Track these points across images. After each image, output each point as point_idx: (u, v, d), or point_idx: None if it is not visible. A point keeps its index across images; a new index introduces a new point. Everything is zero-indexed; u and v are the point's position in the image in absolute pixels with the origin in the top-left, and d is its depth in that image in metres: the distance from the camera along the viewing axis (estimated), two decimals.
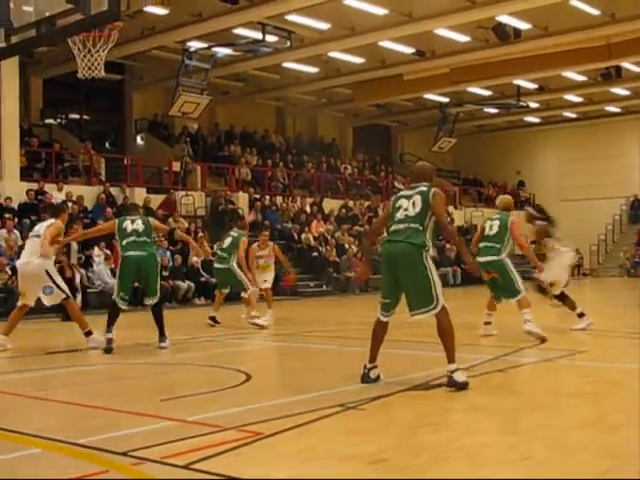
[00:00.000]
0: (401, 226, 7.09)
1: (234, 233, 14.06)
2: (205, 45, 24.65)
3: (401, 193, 7.42)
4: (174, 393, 7.17)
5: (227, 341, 11.88)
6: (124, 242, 10.35)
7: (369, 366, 7.25)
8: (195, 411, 6.18)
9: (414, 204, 7.10)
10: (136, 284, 10.94)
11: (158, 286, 10.37)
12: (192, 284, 20.62)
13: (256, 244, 15.13)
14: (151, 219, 11.06)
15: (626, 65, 28.86)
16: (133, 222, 10.49)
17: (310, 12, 22.30)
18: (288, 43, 23.71)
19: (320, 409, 6.03)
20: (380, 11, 22.58)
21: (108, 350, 9.83)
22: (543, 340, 9.89)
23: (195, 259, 21.24)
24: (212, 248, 22.50)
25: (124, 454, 4.83)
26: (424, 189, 7.15)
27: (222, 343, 11.62)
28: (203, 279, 20.95)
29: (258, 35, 23.18)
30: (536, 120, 39.96)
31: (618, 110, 37.42)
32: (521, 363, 8.81)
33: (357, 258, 25.12)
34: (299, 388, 7.40)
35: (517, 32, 24.50)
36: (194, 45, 24.65)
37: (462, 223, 34.98)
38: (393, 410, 6.33)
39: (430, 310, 6.97)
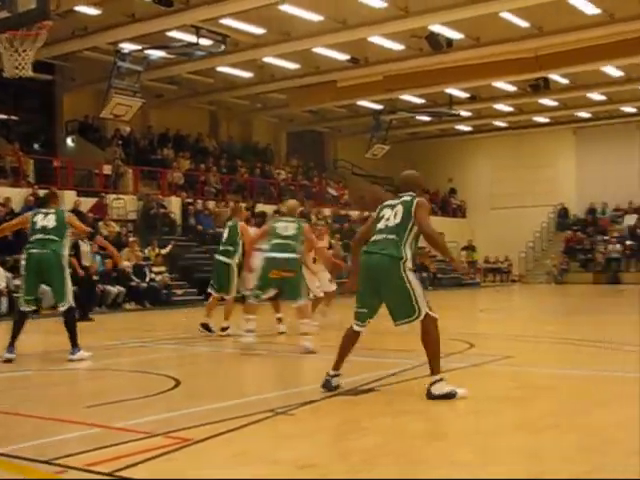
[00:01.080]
0: (380, 237, 6.95)
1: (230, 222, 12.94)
2: (138, 47, 24.38)
3: (386, 203, 7.23)
4: (101, 399, 7.03)
5: (158, 346, 11.74)
6: (31, 238, 9.57)
7: (332, 373, 7.09)
8: (122, 417, 6.08)
9: (396, 214, 6.95)
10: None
11: (66, 289, 9.46)
12: (122, 289, 20.33)
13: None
14: (68, 214, 10.17)
15: (554, 77, 29.45)
16: (45, 216, 9.63)
17: (245, 17, 22.24)
18: (222, 47, 23.63)
19: (250, 414, 5.98)
20: (315, 17, 22.66)
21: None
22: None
23: (126, 263, 20.97)
24: (143, 252, 22.39)
25: (47, 462, 4.72)
26: (408, 199, 7.00)
27: (153, 349, 11.48)
28: (134, 284, 20.70)
29: (192, 38, 23.07)
30: (468, 128, 40.59)
31: (547, 120, 38.23)
32: (449, 368, 8.86)
33: None
34: (229, 394, 7.34)
35: (450, 42, 24.76)
36: (127, 47, 24.35)
37: None
38: (323, 415, 6.31)
39: (412, 320, 6.83)
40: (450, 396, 6.70)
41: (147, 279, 21.23)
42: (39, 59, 9.48)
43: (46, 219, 9.58)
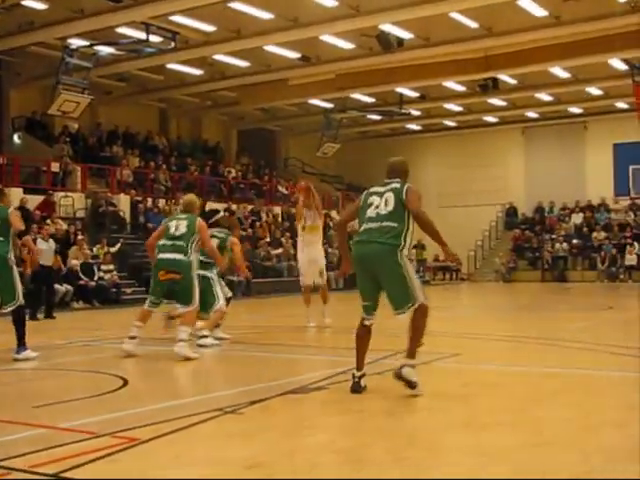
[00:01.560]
0: (373, 225, 6.83)
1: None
2: (87, 43, 24.14)
3: (372, 190, 7.12)
4: (48, 399, 6.93)
5: (105, 346, 11.62)
6: None
7: (358, 374, 6.94)
8: (69, 418, 6.02)
9: (387, 202, 6.85)
10: None
11: (15, 290, 9.23)
12: (70, 287, 20.08)
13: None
14: (10, 210, 9.62)
15: (503, 77, 29.77)
16: None
17: (195, 13, 22.13)
18: (172, 44, 23.48)
19: (198, 414, 5.97)
20: (266, 15, 22.63)
21: None
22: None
23: (75, 262, 20.74)
24: (91, 251, 22.15)
25: None
26: (397, 186, 6.93)
27: (100, 348, 11.36)
28: (82, 282, 20.47)
29: (142, 35, 22.90)
30: (418, 127, 40.85)
31: (495, 120, 38.62)
32: (398, 366, 8.92)
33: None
34: (177, 393, 7.31)
35: (400, 41, 24.89)
36: (75, 42, 24.09)
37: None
38: (271, 414, 6.30)
39: (409, 307, 6.80)
40: (412, 385, 6.72)
41: (96, 277, 21.01)
42: None
43: None
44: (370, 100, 34.24)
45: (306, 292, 13.69)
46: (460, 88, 31.81)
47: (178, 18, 22.53)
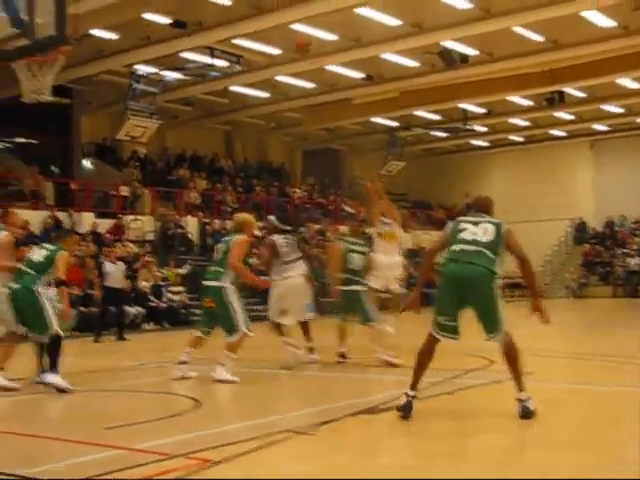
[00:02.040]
0: (470, 248, 6.83)
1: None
2: (154, 69, 24.61)
3: (462, 219, 7.18)
4: (120, 421, 7.01)
5: (176, 366, 11.72)
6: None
7: (411, 394, 6.80)
8: (142, 439, 6.10)
9: (485, 231, 6.90)
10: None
11: (44, 320, 8.79)
12: (141, 309, 20.38)
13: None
14: (60, 255, 9.16)
15: (569, 90, 29.40)
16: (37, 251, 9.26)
17: (259, 37, 22.35)
18: (237, 67, 23.79)
19: (270, 434, 5.99)
20: (329, 36, 22.74)
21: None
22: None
23: (144, 284, 21.05)
24: (161, 273, 22.44)
25: None
26: (496, 221, 7.03)
27: (172, 369, 11.46)
28: (152, 304, 20.73)
29: (207, 59, 23.26)
30: (483, 143, 40.53)
31: (563, 134, 38.09)
32: (469, 385, 8.85)
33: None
34: (249, 414, 7.34)
35: (463, 57, 24.79)
36: (142, 69, 24.58)
37: (411, 246, 35.20)
38: (343, 434, 6.29)
39: (496, 336, 6.82)
40: (532, 415, 6.58)
41: (165, 299, 21.26)
42: (57, 83, 9.53)
43: (37, 254, 9.23)
44: (434, 117, 34.14)
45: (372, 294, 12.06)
46: (526, 102, 31.52)
47: (242, 42, 22.79)
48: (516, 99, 30.76)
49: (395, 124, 34.51)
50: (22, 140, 29.70)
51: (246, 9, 20.47)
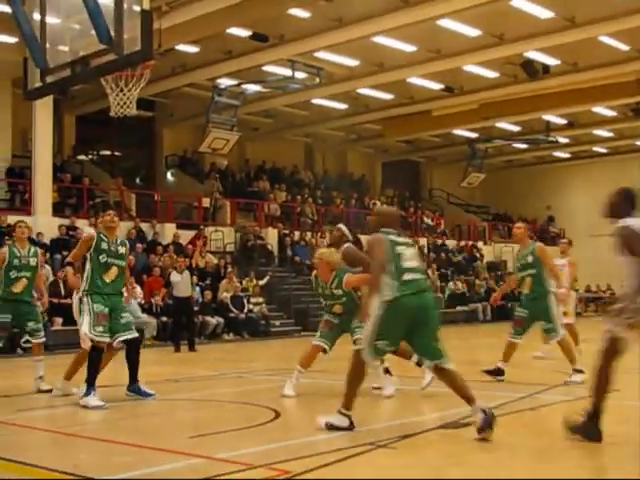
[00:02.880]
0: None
1: None
2: (235, 82, 24.97)
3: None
4: (202, 430, 7.13)
5: (257, 378, 11.85)
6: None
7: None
8: (223, 448, 6.17)
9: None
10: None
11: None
12: (221, 319, 20.60)
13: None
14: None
15: None
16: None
17: (339, 49, 22.48)
18: (317, 80, 23.98)
19: (350, 447, 6.00)
20: (409, 48, 22.76)
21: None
22: None
23: (225, 294, 21.29)
24: (241, 284, 22.65)
25: None
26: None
27: (251, 380, 11.58)
28: (232, 314, 20.92)
29: (288, 72, 23.50)
30: (566, 155, 39.90)
31: None
32: (553, 402, 8.71)
33: None
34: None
35: (546, 68, 24.53)
36: (224, 82, 24.99)
37: (492, 258, 34.90)
38: (423, 449, 6.27)
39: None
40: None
41: (245, 310, 21.45)
42: (141, 96, 9.74)
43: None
44: (516, 128, 33.80)
45: None
46: (611, 113, 30.98)
47: (322, 54, 22.96)
48: (600, 110, 30.26)
49: (475, 135, 34.26)
50: (107, 153, 30.42)
51: (326, 22, 20.62)
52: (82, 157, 28.84)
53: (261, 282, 23.36)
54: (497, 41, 22.19)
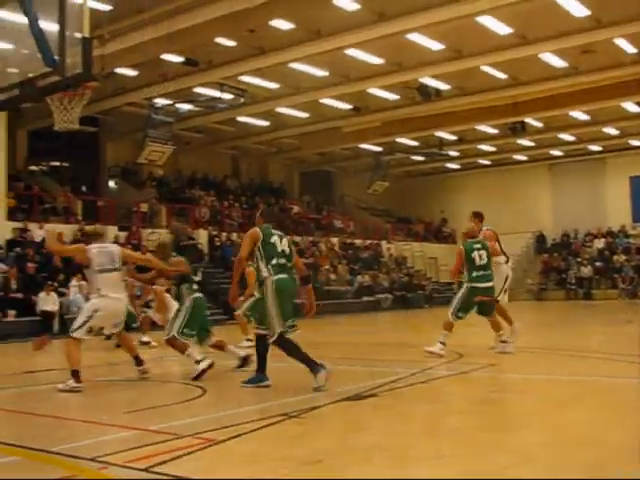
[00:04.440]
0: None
1: None
2: (169, 102, 24.72)
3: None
4: (137, 406, 7.09)
5: (187, 360, 11.73)
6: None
7: None
8: (155, 421, 6.14)
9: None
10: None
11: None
12: None
13: None
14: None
15: (530, 121, 29.58)
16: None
17: (261, 73, 22.51)
18: (242, 100, 23.95)
19: (266, 418, 6.04)
20: (321, 73, 22.92)
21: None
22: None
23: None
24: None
25: (92, 459, 4.79)
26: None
27: (183, 362, 11.47)
28: None
29: (216, 93, 23.40)
30: (456, 166, 40.65)
31: (525, 158, 38.25)
32: (442, 375, 8.90)
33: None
34: (248, 400, 7.37)
35: (438, 92, 24.99)
36: (160, 102, 24.68)
37: (396, 255, 35.34)
38: (328, 418, 6.35)
39: None
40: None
41: None
42: (85, 114, 9.60)
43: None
44: (414, 143, 34.25)
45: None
46: (493, 131, 31.69)
47: (247, 78, 22.95)
48: (484, 128, 30.92)
49: (380, 149, 34.62)
50: (56, 164, 29.76)
51: (250, 50, 20.65)
52: (34, 168, 28.16)
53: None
54: (397, 68, 22.51)
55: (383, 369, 9.46)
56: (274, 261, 7.52)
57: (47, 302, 17.99)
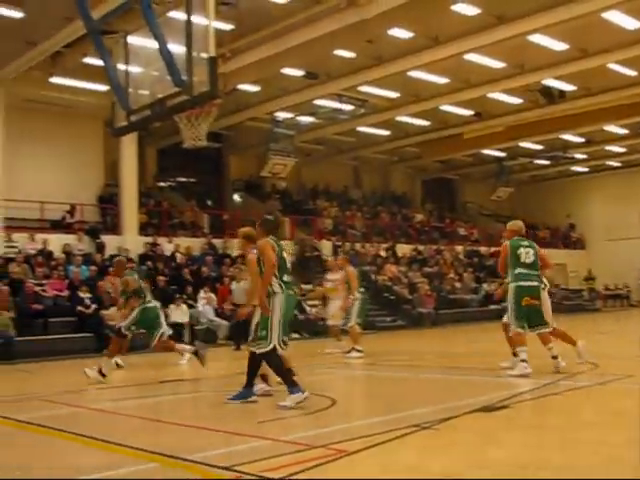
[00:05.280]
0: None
1: None
2: (290, 115, 25.14)
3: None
4: (269, 416, 7.18)
5: (314, 370, 11.86)
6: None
7: None
8: (287, 431, 6.21)
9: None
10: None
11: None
12: None
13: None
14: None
15: None
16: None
17: (381, 83, 22.52)
18: (362, 110, 24.09)
19: (397, 429, 5.98)
20: (441, 80, 22.72)
21: None
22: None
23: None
24: (300, 289, 22.65)
25: (226, 468, 4.89)
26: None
27: (310, 372, 11.59)
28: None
29: (336, 104, 23.65)
30: (583, 169, 39.29)
31: None
32: (575, 387, 8.58)
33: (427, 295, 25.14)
34: (378, 411, 7.34)
35: (562, 93, 24.34)
36: (281, 115, 25.16)
37: None
38: (460, 430, 6.22)
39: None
40: None
41: (306, 312, 21.39)
42: (209, 130, 9.88)
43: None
44: (538, 147, 33.41)
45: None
46: (622, 131, 30.46)
47: (366, 88, 23.03)
48: (613, 128, 29.79)
49: (502, 154, 33.97)
50: (183, 179, 30.81)
51: (368, 60, 20.69)
52: (162, 184, 29.26)
53: (319, 288, 23.29)
54: (519, 71, 22.04)
55: (513, 380, 9.22)
56: (285, 278, 7.61)
57: (178, 314, 18.57)
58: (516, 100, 25.53)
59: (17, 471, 5.31)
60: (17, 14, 16.51)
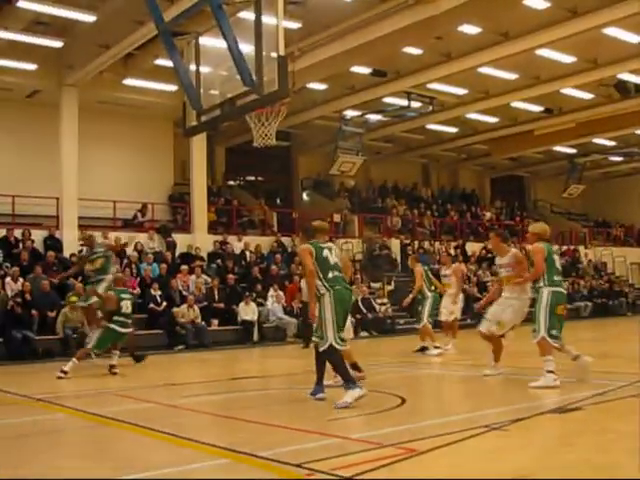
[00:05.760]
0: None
1: None
2: (359, 113, 25.12)
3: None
4: (338, 414, 7.16)
5: (384, 369, 11.83)
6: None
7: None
8: (358, 430, 6.21)
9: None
10: None
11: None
12: (352, 319, 20.46)
13: None
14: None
15: None
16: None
17: (449, 80, 22.30)
18: (430, 107, 23.89)
19: (468, 429, 5.92)
20: (511, 76, 22.37)
21: None
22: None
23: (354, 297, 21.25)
24: (369, 288, 22.65)
25: (298, 466, 4.91)
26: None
27: (379, 371, 11.56)
28: (360, 315, 20.79)
29: (404, 102, 23.50)
30: None
31: None
32: None
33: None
34: (448, 410, 7.28)
35: (638, 87, 23.66)
36: (349, 113, 25.15)
37: (595, 261, 33.81)
38: (532, 431, 6.12)
39: None
40: None
41: (376, 311, 21.32)
42: (278, 129, 9.95)
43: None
44: (611, 143, 32.59)
45: None
46: None
47: (434, 85, 22.83)
48: None
49: (574, 151, 33.25)
50: (251, 178, 31.09)
51: (437, 56, 20.54)
52: (231, 183, 29.57)
53: (389, 287, 23.27)
54: (591, 66, 21.55)
55: (587, 381, 9.01)
56: (330, 275, 7.61)
57: (247, 312, 18.76)
58: (588, 95, 24.95)
59: (88, 461, 5.45)
60: (90, 18, 16.95)
